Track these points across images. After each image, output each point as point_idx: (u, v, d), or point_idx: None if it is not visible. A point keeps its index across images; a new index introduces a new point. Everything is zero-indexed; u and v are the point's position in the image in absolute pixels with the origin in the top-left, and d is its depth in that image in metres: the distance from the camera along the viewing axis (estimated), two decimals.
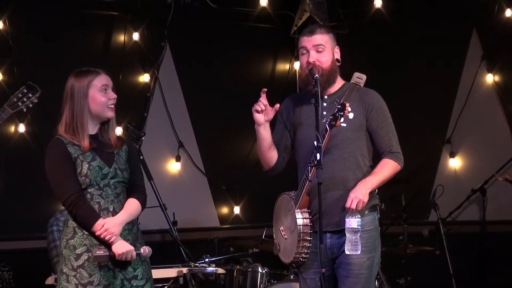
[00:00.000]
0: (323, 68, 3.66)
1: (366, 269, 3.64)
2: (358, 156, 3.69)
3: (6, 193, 5.55)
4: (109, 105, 3.64)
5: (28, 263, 5.47)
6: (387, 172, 3.67)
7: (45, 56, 5.74)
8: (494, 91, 6.42)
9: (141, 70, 6.28)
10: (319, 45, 3.68)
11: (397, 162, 3.69)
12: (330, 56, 3.71)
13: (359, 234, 3.51)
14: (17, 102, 4.14)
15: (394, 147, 3.70)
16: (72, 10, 5.88)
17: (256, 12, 6.61)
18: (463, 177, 6.45)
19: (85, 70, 3.68)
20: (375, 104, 3.71)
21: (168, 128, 6.34)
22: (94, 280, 3.53)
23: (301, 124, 3.77)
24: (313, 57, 3.67)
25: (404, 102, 6.21)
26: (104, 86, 3.64)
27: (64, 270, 3.55)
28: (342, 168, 3.65)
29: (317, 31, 3.71)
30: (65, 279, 3.54)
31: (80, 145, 3.59)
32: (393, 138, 3.72)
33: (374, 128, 3.70)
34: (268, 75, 6.82)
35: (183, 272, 4.91)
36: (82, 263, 3.54)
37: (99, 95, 3.62)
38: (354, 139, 3.69)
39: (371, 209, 3.70)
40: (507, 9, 6.23)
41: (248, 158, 6.54)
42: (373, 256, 3.67)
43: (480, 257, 6.17)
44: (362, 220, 3.56)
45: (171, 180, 6.35)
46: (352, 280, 3.63)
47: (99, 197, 3.59)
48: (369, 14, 6.51)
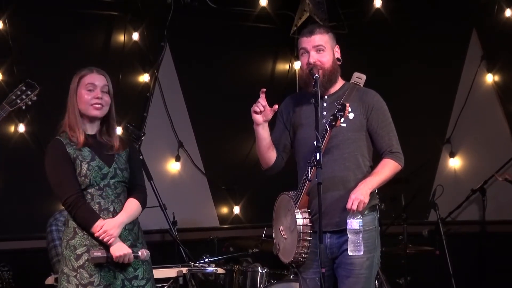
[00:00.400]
0: (324, 68, 3.66)
1: (366, 269, 3.64)
2: (358, 156, 3.69)
3: (6, 193, 5.55)
4: (93, 103, 3.65)
5: (28, 263, 5.47)
6: (387, 172, 3.67)
7: (45, 56, 5.75)
8: (494, 91, 6.42)
9: (141, 70, 6.29)
10: (318, 46, 3.68)
11: (398, 162, 3.69)
12: (331, 56, 3.71)
13: (361, 235, 3.51)
14: (15, 100, 4.14)
15: (394, 147, 3.70)
16: (72, 10, 5.88)
17: (256, 12, 6.61)
18: (463, 177, 6.45)
19: (82, 69, 3.70)
20: (375, 104, 3.71)
21: (168, 128, 6.34)
22: (95, 281, 3.53)
23: (301, 124, 3.77)
24: (314, 58, 3.67)
25: (404, 102, 6.21)
26: (89, 85, 3.66)
27: (65, 270, 3.55)
28: (342, 168, 3.65)
29: (316, 31, 3.71)
30: (65, 279, 3.54)
31: (76, 141, 3.61)
32: (393, 138, 3.72)
33: (374, 128, 3.70)
34: (268, 75, 6.82)
35: (183, 272, 4.91)
36: (83, 264, 3.54)
37: (83, 93, 3.65)
38: (355, 139, 3.68)
39: (371, 209, 3.70)
40: (507, 9, 6.23)
41: (248, 158, 6.54)
42: (373, 256, 3.67)
43: (480, 257, 6.16)
44: (363, 220, 3.56)
45: (171, 180, 6.35)
46: (352, 280, 3.63)
47: (99, 197, 3.59)
48: (369, 14, 6.51)
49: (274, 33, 6.78)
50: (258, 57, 6.82)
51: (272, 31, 6.77)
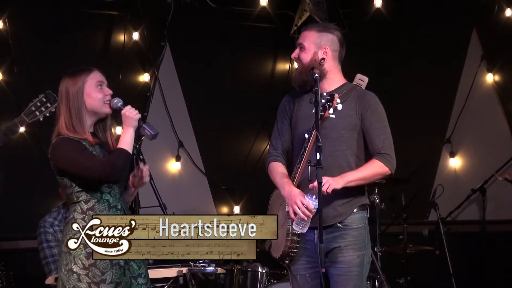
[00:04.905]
0: (302, 65, 3.72)
1: (356, 266, 3.63)
2: (349, 156, 3.67)
3: (6, 193, 5.55)
4: (106, 101, 3.63)
5: (28, 263, 5.48)
6: (369, 171, 3.61)
7: (45, 56, 5.75)
8: (494, 91, 6.42)
9: (141, 69, 6.29)
10: (300, 44, 3.75)
11: (385, 164, 3.62)
12: (310, 54, 3.71)
13: (311, 217, 3.52)
14: (34, 112, 4.07)
15: (384, 149, 3.64)
16: (72, 10, 5.89)
17: (256, 12, 6.61)
18: (463, 176, 6.45)
19: (78, 69, 3.65)
20: (372, 105, 3.69)
21: (168, 127, 6.35)
22: (107, 278, 3.50)
23: (299, 121, 3.78)
24: (295, 54, 3.75)
25: (404, 102, 6.21)
26: (99, 82, 3.62)
27: (75, 269, 3.49)
28: (332, 165, 3.64)
29: (306, 28, 3.79)
30: (76, 279, 3.50)
31: (85, 139, 3.56)
32: (386, 140, 3.66)
33: (367, 128, 3.66)
34: (268, 75, 6.81)
35: (183, 272, 4.91)
36: (94, 262, 3.50)
37: (95, 91, 3.60)
38: (348, 138, 3.67)
39: (360, 208, 3.68)
40: (507, 8, 6.23)
41: (248, 158, 6.54)
42: (363, 254, 3.66)
43: (480, 256, 6.17)
44: (351, 218, 3.60)
45: (171, 179, 6.35)
46: (343, 278, 3.63)
47: (108, 195, 3.57)
48: (369, 14, 6.51)
49: (274, 33, 6.78)
50: (258, 57, 6.82)
51: (272, 31, 6.77)
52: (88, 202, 3.53)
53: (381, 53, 6.54)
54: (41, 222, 5.05)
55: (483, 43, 6.43)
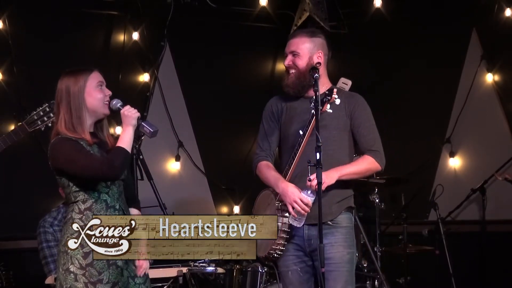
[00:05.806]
0: (298, 70, 3.78)
1: (347, 262, 3.69)
2: (341, 155, 3.74)
3: (6, 193, 5.55)
4: (105, 101, 3.63)
5: (28, 263, 5.48)
6: (362, 166, 3.72)
7: (45, 56, 5.75)
8: (494, 91, 6.42)
9: (140, 69, 6.29)
10: (293, 51, 3.81)
11: (376, 160, 3.73)
12: (306, 60, 3.78)
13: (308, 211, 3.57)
14: (36, 121, 4.05)
15: (375, 146, 3.75)
16: (72, 10, 5.89)
17: (256, 12, 6.60)
18: (463, 176, 6.45)
19: (78, 69, 3.64)
20: (361, 105, 3.79)
21: (168, 127, 6.34)
22: (104, 278, 3.49)
23: (288, 122, 3.82)
24: (288, 60, 3.83)
25: (404, 102, 6.21)
26: (100, 82, 3.62)
27: (72, 269, 3.49)
28: (324, 164, 3.66)
29: (295, 35, 3.85)
30: (73, 278, 3.50)
31: (83, 139, 3.56)
32: (376, 138, 3.78)
33: (357, 126, 3.76)
34: (268, 75, 6.81)
35: (183, 272, 4.91)
36: (91, 261, 3.50)
37: (95, 92, 3.59)
38: (339, 138, 3.74)
39: (347, 209, 3.76)
40: (507, 8, 6.24)
41: (248, 158, 6.53)
42: (353, 252, 3.73)
43: (479, 256, 6.17)
44: (340, 217, 3.68)
45: (171, 179, 6.35)
46: (334, 273, 3.66)
47: (106, 195, 3.56)
48: (369, 14, 6.51)
49: (274, 33, 6.77)
50: (258, 57, 6.81)
51: (272, 31, 6.76)
52: (86, 202, 3.52)
53: (381, 53, 6.54)
54: (41, 222, 5.06)
55: (483, 43, 6.43)
